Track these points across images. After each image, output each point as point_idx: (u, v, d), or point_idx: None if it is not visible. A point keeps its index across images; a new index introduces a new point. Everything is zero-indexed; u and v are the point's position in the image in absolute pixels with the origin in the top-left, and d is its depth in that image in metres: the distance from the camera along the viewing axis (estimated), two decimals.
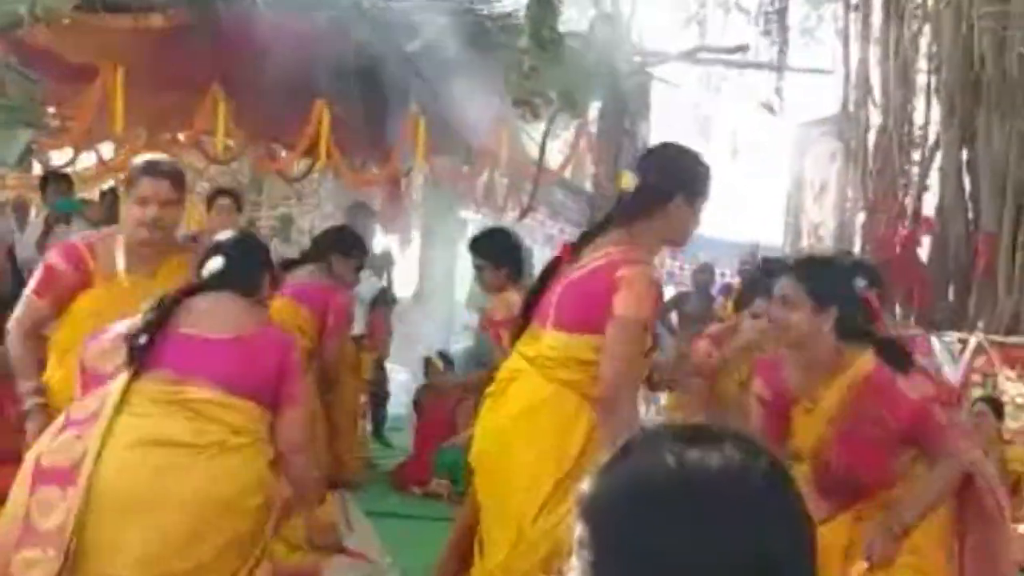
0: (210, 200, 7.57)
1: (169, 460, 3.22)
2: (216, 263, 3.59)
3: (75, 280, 4.01)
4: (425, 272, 13.11)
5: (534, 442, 3.53)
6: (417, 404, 8.20)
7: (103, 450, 3.21)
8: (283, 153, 10.90)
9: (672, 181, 3.67)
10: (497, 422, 3.67)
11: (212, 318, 3.45)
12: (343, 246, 6.72)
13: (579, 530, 1.14)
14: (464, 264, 9.19)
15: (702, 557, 1.09)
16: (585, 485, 1.17)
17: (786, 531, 1.13)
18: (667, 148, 3.94)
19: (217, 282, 3.54)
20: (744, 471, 1.13)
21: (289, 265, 6.33)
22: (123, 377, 3.32)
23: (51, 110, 10.44)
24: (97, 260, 4.04)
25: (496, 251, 5.77)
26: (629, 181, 3.69)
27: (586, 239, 3.76)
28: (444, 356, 8.77)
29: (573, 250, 3.73)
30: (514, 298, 5.33)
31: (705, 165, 3.81)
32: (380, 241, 10.20)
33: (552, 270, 3.76)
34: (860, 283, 3.80)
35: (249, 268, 3.64)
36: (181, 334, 3.40)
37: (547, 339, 3.63)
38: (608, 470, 1.17)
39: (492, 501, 3.69)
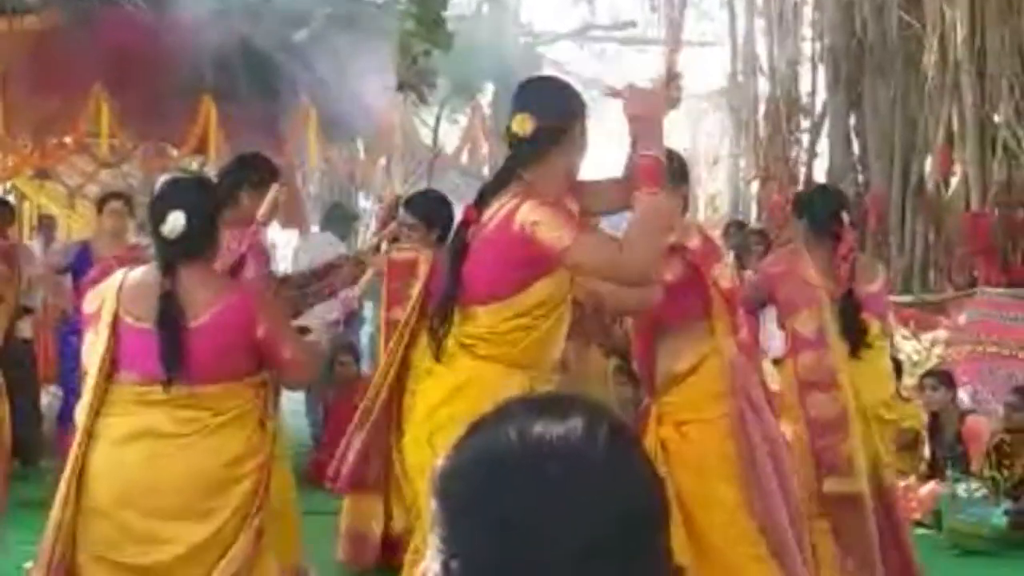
0: (100, 204, 7.42)
1: (155, 450, 3.37)
2: (176, 221, 3.41)
3: None
4: None
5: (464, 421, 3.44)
6: (323, 399, 8.15)
7: (90, 453, 3.40)
8: (173, 152, 10.72)
9: (570, 111, 3.46)
10: (427, 407, 3.50)
11: (181, 302, 3.39)
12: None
13: (432, 507, 1.15)
14: None
15: (555, 526, 1.09)
16: (438, 462, 1.17)
17: (636, 493, 1.14)
18: (548, 80, 3.93)
19: (181, 250, 3.40)
20: (586, 437, 1.13)
21: None
22: (92, 384, 3.44)
23: None
24: None
25: (430, 211, 5.65)
26: (526, 123, 3.36)
27: (485, 196, 3.41)
28: (350, 347, 8.70)
29: (476, 211, 3.39)
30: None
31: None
32: (278, 235, 10.10)
33: (461, 239, 3.44)
34: None
35: (210, 226, 3.48)
36: (140, 329, 3.41)
37: (471, 317, 3.41)
38: (458, 446, 1.17)
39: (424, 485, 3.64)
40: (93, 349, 3.52)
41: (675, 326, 4.29)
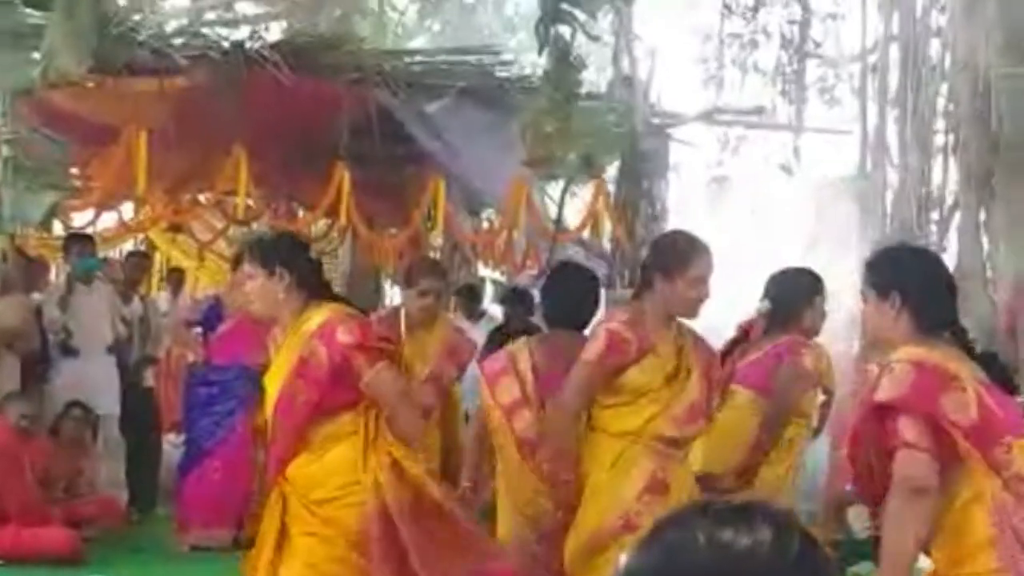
0: (235, 261, 7.61)
1: None
2: None
3: None
4: None
5: None
6: None
7: None
8: (302, 213, 10.95)
9: (650, 262, 4.49)
10: None
11: None
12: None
13: None
14: (487, 324, 9.20)
15: None
16: (622, 558, 1.17)
17: None
18: (662, 234, 4.58)
19: None
20: (775, 551, 1.12)
21: None
22: None
23: (74, 171, 10.55)
24: None
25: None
26: None
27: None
28: None
29: None
30: None
31: (683, 242, 4.43)
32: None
33: None
34: None
35: None
36: None
37: None
38: (643, 546, 1.17)
39: None
40: None
41: None
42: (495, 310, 10.29)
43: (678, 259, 4.36)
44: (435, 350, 5.92)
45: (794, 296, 5.21)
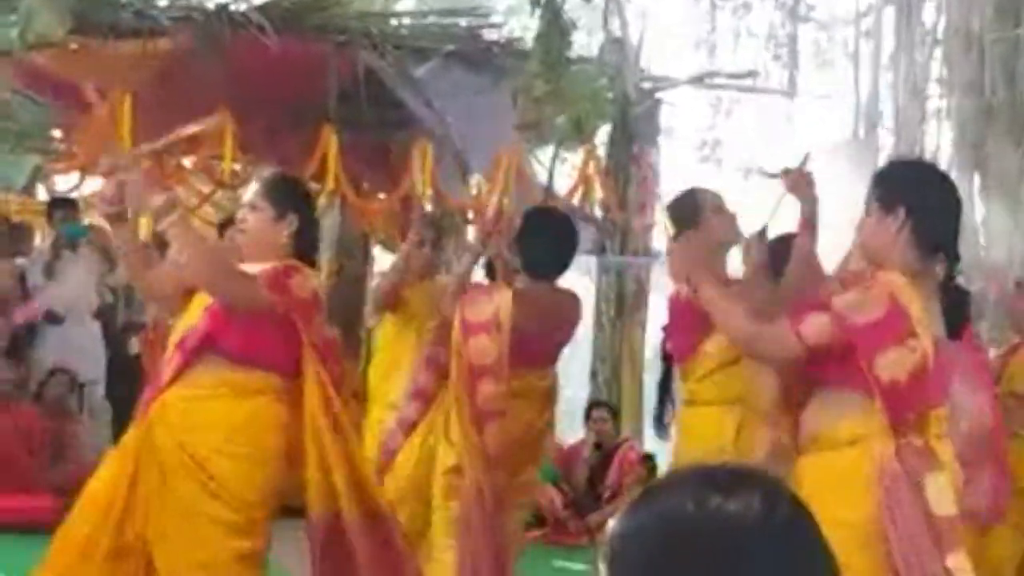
0: (221, 228, 7.54)
1: None
2: None
3: None
4: None
5: None
6: None
7: None
8: None
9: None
10: None
11: None
12: None
13: (602, 567, 1.18)
14: None
15: None
16: (611, 525, 1.25)
17: (811, 571, 1.14)
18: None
19: None
20: (763, 517, 1.14)
21: None
22: None
23: (57, 134, 10.42)
24: None
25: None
26: None
27: None
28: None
29: None
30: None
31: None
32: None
33: None
34: None
35: None
36: None
37: None
38: (632, 511, 1.20)
39: None
40: None
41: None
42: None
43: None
44: (434, 307, 5.89)
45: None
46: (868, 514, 3.18)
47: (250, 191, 4.31)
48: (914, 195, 3.40)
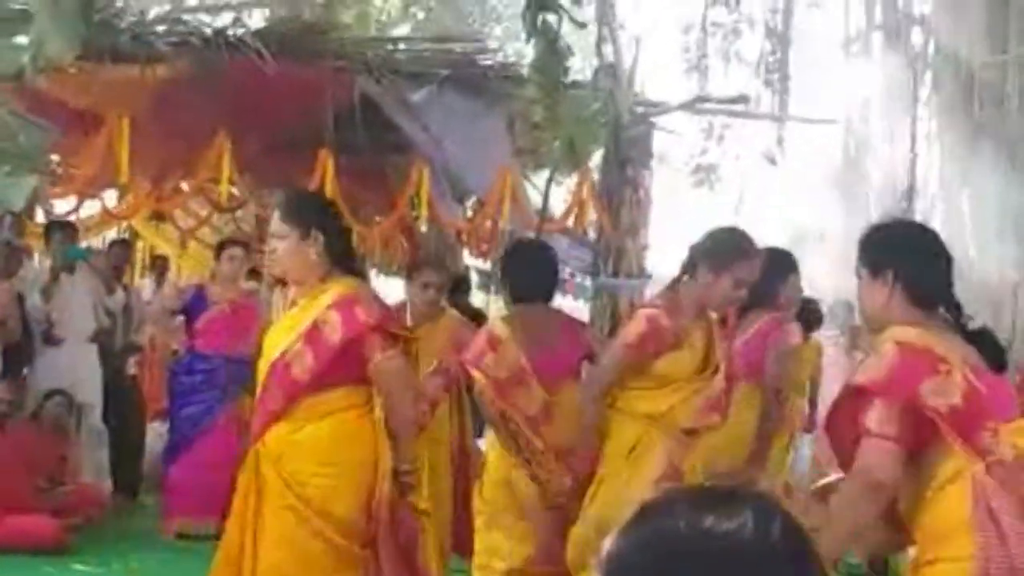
0: (219, 249, 7.58)
1: None
2: None
3: None
4: None
5: None
6: None
7: None
8: None
9: (699, 253, 4.45)
10: None
11: None
12: None
13: None
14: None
15: None
16: (605, 544, 1.19)
17: None
18: (718, 228, 4.66)
19: None
20: (757, 536, 1.13)
21: None
22: None
23: (55, 158, 10.47)
24: None
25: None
26: None
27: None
28: None
29: None
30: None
31: (738, 239, 4.46)
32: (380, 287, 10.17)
33: None
34: None
35: None
36: None
37: None
38: (626, 532, 1.19)
39: None
40: None
41: None
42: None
43: (730, 256, 4.41)
44: (442, 343, 5.94)
45: (769, 275, 5.21)
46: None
47: (272, 221, 4.34)
48: (899, 256, 3.40)
